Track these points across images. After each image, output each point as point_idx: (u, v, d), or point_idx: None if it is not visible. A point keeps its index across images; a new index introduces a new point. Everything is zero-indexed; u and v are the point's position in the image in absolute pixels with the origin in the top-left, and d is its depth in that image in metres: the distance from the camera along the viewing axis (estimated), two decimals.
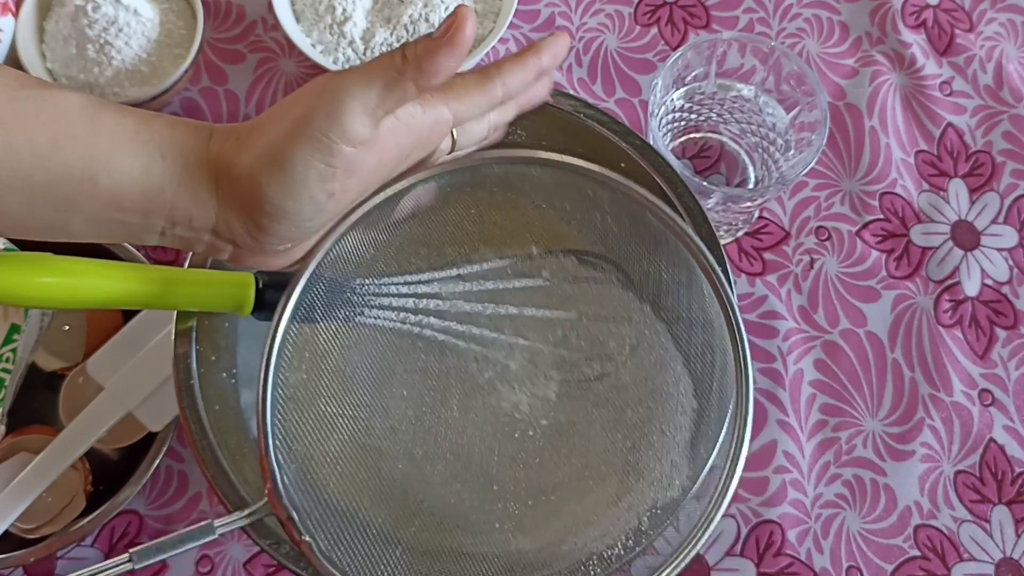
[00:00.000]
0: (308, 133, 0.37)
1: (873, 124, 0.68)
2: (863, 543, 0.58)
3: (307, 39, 0.66)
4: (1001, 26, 0.71)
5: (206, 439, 0.47)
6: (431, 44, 0.37)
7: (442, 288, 0.50)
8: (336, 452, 0.45)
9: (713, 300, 0.46)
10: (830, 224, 0.65)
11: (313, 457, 0.45)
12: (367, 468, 0.47)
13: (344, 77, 0.38)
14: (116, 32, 0.63)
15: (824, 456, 0.60)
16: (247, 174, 0.38)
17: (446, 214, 0.50)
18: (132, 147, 0.38)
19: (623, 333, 0.50)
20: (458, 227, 0.51)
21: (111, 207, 0.38)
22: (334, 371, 0.47)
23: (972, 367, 0.62)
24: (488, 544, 0.47)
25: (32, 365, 0.59)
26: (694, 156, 0.65)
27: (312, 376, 0.47)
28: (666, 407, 0.48)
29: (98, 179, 0.37)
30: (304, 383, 0.47)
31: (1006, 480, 0.60)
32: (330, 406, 0.46)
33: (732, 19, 0.72)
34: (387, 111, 0.38)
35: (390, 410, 0.48)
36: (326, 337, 0.47)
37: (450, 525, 0.47)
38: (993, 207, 0.66)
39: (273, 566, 0.57)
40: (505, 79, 0.42)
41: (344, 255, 0.46)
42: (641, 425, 0.48)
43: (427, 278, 0.50)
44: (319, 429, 0.45)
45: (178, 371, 0.48)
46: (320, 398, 0.46)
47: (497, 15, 0.66)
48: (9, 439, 0.56)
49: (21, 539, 0.55)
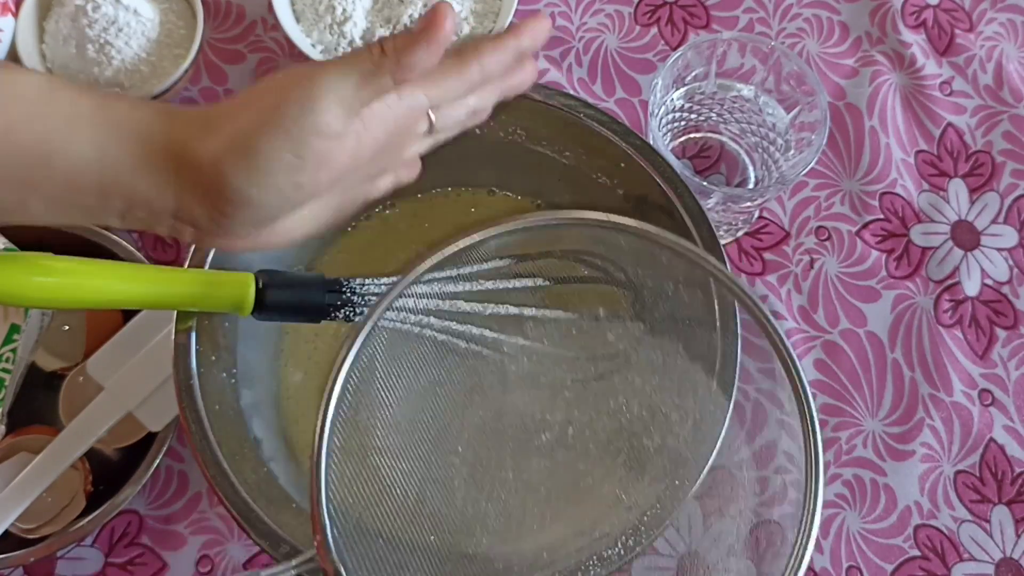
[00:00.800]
0: (279, 123, 0.37)
1: (873, 124, 0.68)
2: (863, 543, 0.58)
3: (307, 39, 0.66)
4: (1001, 26, 0.71)
5: (206, 439, 0.47)
6: (410, 38, 0.36)
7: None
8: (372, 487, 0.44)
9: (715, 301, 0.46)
10: (830, 224, 0.65)
11: (358, 503, 0.43)
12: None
13: (320, 69, 0.37)
14: (116, 32, 0.63)
15: (824, 456, 0.60)
16: (210, 160, 0.37)
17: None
18: (87, 130, 0.37)
19: (620, 340, 0.50)
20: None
21: (68, 189, 0.38)
22: (389, 420, 0.45)
23: (972, 367, 0.62)
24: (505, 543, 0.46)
25: (32, 365, 0.59)
26: (694, 156, 0.65)
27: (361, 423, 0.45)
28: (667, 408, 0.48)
29: (53, 161, 0.37)
30: (354, 431, 0.45)
31: (1006, 480, 0.60)
32: (378, 454, 0.45)
33: (732, 19, 0.72)
34: (363, 104, 0.38)
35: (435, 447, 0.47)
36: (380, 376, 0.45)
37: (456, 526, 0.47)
38: (993, 207, 0.66)
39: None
40: (483, 61, 0.41)
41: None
42: (643, 424, 0.48)
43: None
44: (363, 471, 0.44)
45: (178, 371, 0.48)
46: (370, 449, 0.45)
47: (497, 15, 0.66)
48: (9, 439, 0.56)
49: (21, 539, 0.55)
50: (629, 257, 0.49)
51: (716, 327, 0.49)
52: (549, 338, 0.50)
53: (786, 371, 0.46)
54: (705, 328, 0.48)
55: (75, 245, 0.58)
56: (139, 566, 0.57)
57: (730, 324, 0.49)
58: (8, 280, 0.42)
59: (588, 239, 0.49)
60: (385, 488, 0.44)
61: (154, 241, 0.64)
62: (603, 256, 0.50)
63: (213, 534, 0.57)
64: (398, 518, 0.44)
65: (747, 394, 0.52)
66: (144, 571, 0.57)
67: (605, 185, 0.55)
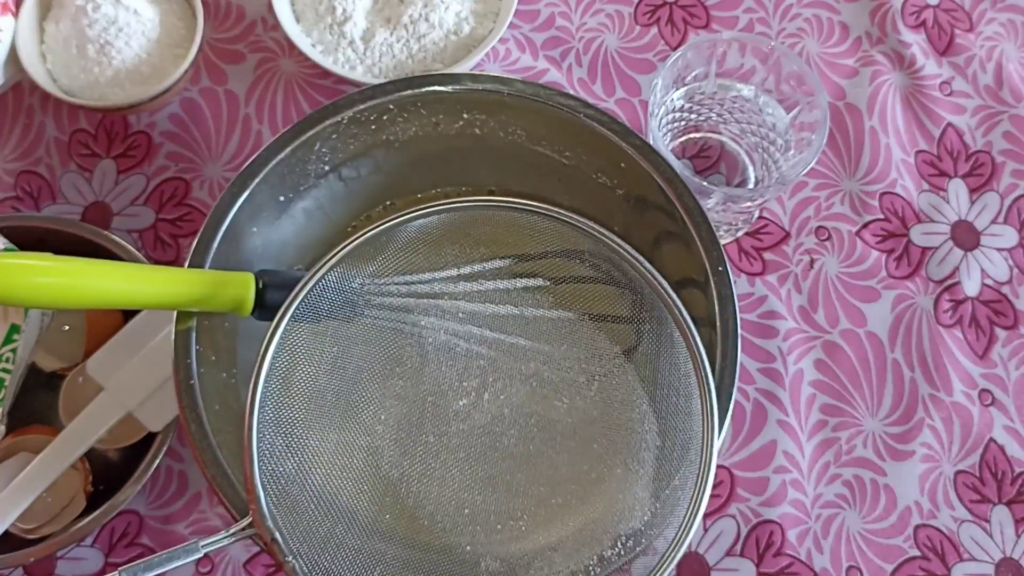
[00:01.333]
0: None
1: (873, 124, 0.68)
2: (863, 543, 0.58)
3: (307, 39, 0.66)
4: (1001, 26, 0.71)
5: (206, 439, 0.47)
6: None
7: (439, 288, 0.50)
8: (320, 472, 0.46)
9: (683, 347, 0.46)
10: (830, 224, 0.65)
11: (297, 476, 0.45)
12: (353, 485, 0.47)
13: None
14: (116, 32, 0.63)
15: (824, 456, 0.60)
16: None
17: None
18: None
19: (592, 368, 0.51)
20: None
21: None
22: (317, 389, 0.48)
23: (972, 367, 0.62)
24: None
25: (32, 365, 0.59)
26: (694, 156, 0.65)
27: (297, 392, 0.47)
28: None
29: None
30: (290, 401, 0.47)
31: (1006, 480, 0.60)
32: (317, 423, 0.47)
33: (732, 19, 0.72)
34: None
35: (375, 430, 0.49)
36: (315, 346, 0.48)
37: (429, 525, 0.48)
38: (993, 207, 0.66)
39: (273, 566, 0.57)
40: None
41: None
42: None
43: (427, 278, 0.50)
44: (303, 449, 0.46)
45: (178, 371, 0.48)
46: (308, 417, 0.47)
47: (497, 15, 0.66)
48: (9, 439, 0.56)
49: (21, 539, 0.55)
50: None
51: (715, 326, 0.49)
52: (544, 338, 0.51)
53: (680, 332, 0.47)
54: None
55: (75, 245, 0.58)
56: None
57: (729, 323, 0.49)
58: (8, 280, 0.42)
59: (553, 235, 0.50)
60: (315, 458, 0.46)
61: (154, 241, 0.64)
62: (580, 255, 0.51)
63: (213, 534, 0.57)
64: (329, 487, 0.46)
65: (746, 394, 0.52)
66: None
67: (605, 185, 0.55)
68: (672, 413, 0.48)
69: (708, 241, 0.51)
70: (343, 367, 0.49)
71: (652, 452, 0.48)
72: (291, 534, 0.43)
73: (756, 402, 0.61)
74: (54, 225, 0.59)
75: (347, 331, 0.49)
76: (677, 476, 0.46)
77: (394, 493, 0.48)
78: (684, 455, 0.46)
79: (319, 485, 0.46)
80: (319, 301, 0.47)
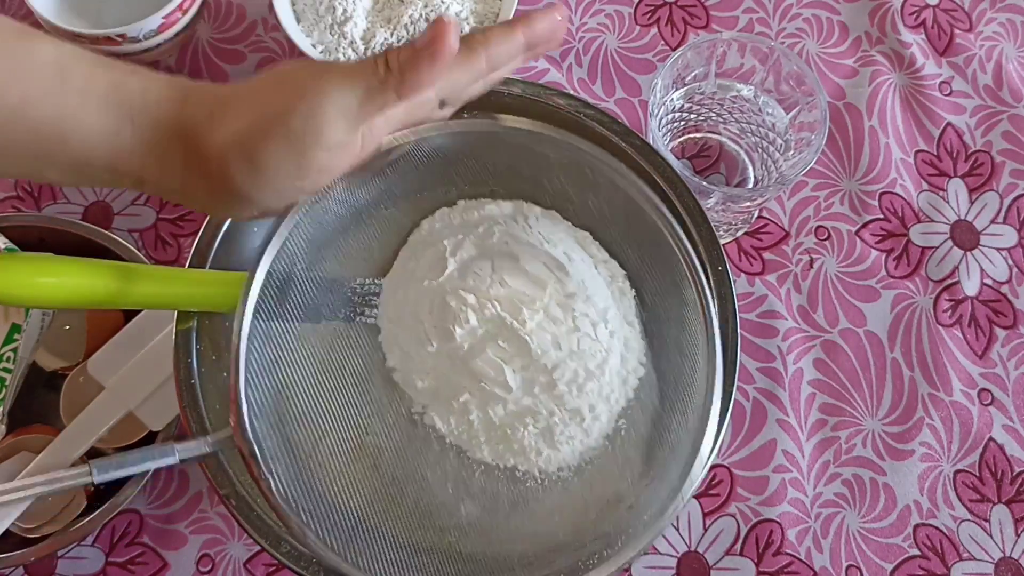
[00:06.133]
0: (283, 133, 0.37)
1: (873, 124, 0.68)
2: (863, 542, 0.58)
3: (307, 39, 0.66)
4: (1001, 26, 0.71)
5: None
6: (413, 54, 0.36)
7: None
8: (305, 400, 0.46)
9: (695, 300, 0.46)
10: (830, 224, 0.65)
11: (284, 392, 0.45)
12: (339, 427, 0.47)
13: (325, 79, 0.37)
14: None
15: (824, 455, 0.60)
16: (216, 155, 0.38)
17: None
18: (101, 112, 0.38)
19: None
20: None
21: (81, 164, 0.38)
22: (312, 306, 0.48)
23: (971, 366, 0.62)
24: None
25: (33, 365, 0.59)
26: (694, 156, 0.65)
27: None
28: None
29: (67, 139, 0.37)
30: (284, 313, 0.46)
31: (1005, 479, 0.60)
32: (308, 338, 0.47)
33: (732, 19, 0.72)
34: (366, 117, 0.38)
35: None
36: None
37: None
38: (993, 207, 0.66)
39: (273, 565, 0.57)
40: (491, 52, 0.40)
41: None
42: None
43: None
44: (294, 364, 0.46)
45: (178, 370, 0.48)
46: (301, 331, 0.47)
47: (497, 15, 0.66)
48: (9, 439, 0.56)
49: (22, 539, 0.55)
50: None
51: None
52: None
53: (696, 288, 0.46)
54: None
55: (76, 245, 0.58)
56: (140, 565, 0.57)
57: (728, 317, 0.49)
58: (9, 280, 0.42)
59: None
60: (302, 375, 0.46)
61: (154, 241, 0.64)
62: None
63: (214, 533, 0.57)
64: (315, 407, 0.46)
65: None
66: (145, 570, 0.57)
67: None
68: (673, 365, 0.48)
69: (708, 241, 0.51)
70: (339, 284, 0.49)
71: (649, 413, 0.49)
72: (271, 452, 0.42)
73: (756, 401, 0.61)
74: (55, 225, 0.59)
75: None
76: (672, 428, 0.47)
77: (380, 416, 0.48)
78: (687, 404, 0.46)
79: (304, 405, 0.46)
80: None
